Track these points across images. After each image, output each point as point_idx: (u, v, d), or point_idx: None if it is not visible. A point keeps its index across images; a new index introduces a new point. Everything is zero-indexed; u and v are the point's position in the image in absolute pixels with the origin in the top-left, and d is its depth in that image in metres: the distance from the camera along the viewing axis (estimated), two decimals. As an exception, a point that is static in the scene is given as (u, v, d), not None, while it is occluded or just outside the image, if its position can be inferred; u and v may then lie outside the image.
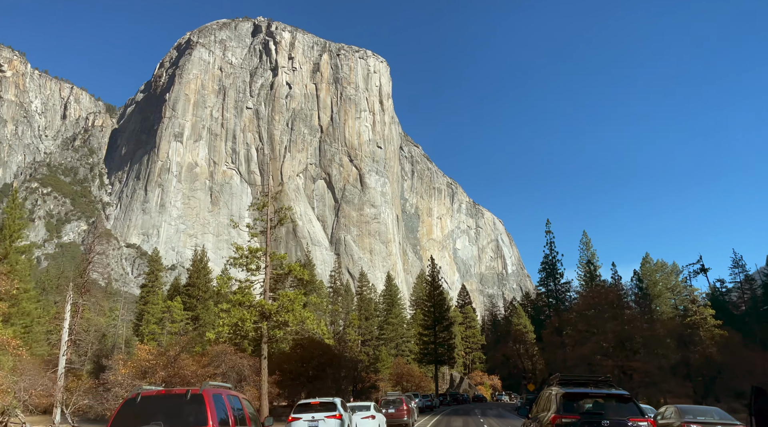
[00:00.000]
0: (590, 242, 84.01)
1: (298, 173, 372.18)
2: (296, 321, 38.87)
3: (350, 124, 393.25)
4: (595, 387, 17.16)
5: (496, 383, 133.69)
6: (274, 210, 42.87)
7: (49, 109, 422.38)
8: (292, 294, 40.55)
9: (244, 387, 46.00)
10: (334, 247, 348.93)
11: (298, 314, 38.74)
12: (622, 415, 15.49)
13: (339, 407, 26.69)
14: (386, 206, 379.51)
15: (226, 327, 38.17)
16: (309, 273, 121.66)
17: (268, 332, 39.89)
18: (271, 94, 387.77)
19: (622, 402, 16.04)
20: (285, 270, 42.40)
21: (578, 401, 16.25)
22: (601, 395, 16.32)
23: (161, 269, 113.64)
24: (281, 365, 54.64)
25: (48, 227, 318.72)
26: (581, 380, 17.93)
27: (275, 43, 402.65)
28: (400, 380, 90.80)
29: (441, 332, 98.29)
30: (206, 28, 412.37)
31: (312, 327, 39.37)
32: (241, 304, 39.58)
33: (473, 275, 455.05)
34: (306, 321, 39.01)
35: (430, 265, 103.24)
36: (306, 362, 56.93)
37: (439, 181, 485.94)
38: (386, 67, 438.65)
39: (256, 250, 41.50)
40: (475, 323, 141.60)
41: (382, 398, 43.33)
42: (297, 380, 56.55)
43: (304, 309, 39.74)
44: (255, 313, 39.71)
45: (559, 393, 16.36)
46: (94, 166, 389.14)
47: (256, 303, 39.94)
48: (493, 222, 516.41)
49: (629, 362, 54.11)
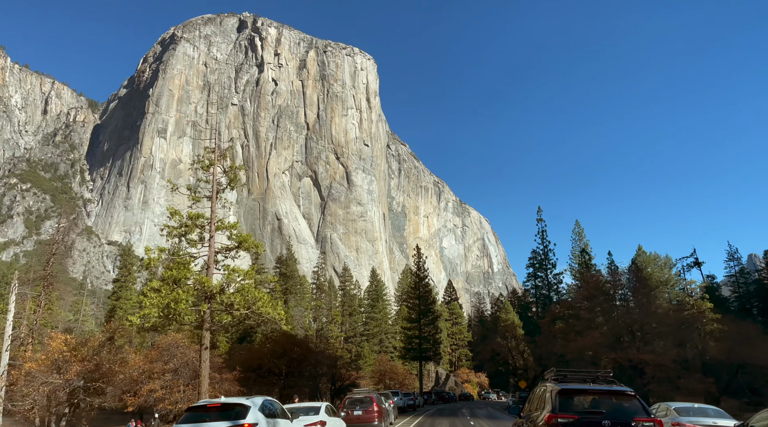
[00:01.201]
0: (583, 232, 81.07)
1: (284, 171, 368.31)
2: (244, 303, 31.76)
3: (337, 121, 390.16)
4: (595, 383, 15.48)
5: (483, 381, 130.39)
6: (222, 170, 36.41)
7: (30, 104, 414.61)
8: (240, 269, 33.82)
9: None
10: (320, 245, 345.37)
11: (248, 294, 31.83)
12: (626, 414, 14.05)
13: (253, 412, 17.12)
14: (373, 204, 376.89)
15: (154, 309, 30.81)
16: (291, 269, 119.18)
17: (212, 317, 33.00)
18: (256, 91, 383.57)
19: (624, 400, 14.49)
20: (235, 242, 34.75)
21: (576, 398, 14.80)
22: (601, 392, 14.73)
23: (134, 262, 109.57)
24: (248, 360, 49.96)
25: (27, 223, 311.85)
26: (579, 375, 16.35)
27: (261, 39, 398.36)
28: (383, 377, 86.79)
29: (426, 326, 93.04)
30: (191, 23, 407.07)
31: (266, 311, 31.82)
32: (176, 281, 32.05)
33: (459, 273, 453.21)
34: (258, 303, 31.68)
35: (415, 255, 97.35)
36: (278, 358, 51.65)
37: (426, 179, 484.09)
38: (373, 64, 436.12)
39: (197, 216, 34.07)
40: (462, 320, 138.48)
41: (346, 397, 36.35)
42: (266, 377, 51.43)
43: (257, 289, 32.88)
44: (193, 292, 32.60)
45: (555, 390, 14.83)
46: (76, 163, 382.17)
47: (195, 280, 32.99)
48: (480, 221, 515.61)
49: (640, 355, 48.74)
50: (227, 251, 34.56)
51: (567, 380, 16.06)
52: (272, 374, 52.04)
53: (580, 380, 15.97)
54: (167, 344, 42.65)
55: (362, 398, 34.94)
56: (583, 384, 15.41)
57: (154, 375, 40.78)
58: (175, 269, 32.18)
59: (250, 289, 32.26)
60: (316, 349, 62.29)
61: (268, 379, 51.34)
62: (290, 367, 51.58)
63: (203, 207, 34.92)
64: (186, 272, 32.57)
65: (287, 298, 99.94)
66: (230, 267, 33.55)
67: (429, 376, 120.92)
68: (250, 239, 34.78)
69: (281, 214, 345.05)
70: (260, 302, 32.05)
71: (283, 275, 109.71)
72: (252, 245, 34.37)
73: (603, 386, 14.99)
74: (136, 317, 31.37)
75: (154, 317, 30.84)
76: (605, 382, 15.54)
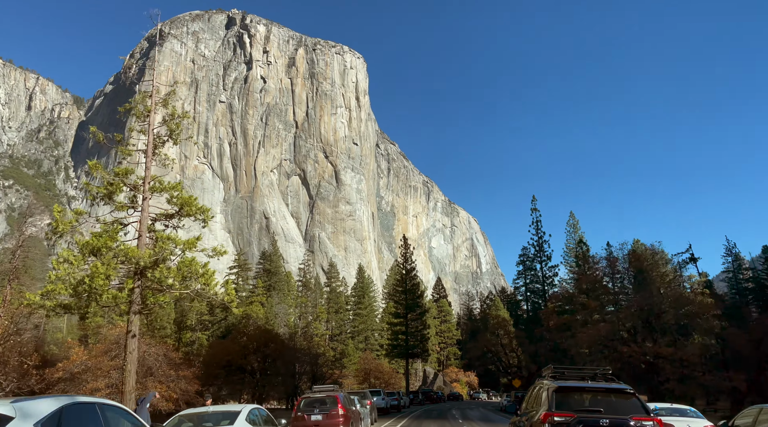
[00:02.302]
0: (578, 223, 78.16)
1: (272, 169, 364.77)
2: (180, 278, 25.10)
3: (326, 120, 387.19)
4: (593, 381, 15.30)
5: (473, 380, 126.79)
6: (162, 119, 30.16)
7: (13, 100, 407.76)
8: (177, 238, 26.85)
9: (148, 384, 35.77)
10: (308, 244, 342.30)
11: (187, 269, 25.52)
12: (624, 412, 13.80)
13: None
14: (362, 204, 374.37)
15: (61, 285, 24.08)
16: (275, 265, 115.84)
17: (142, 297, 26.55)
18: (245, 88, 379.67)
19: (623, 398, 14.29)
20: (176, 206, 28.08)
21: (573, 396, 14.51)
22: (599, 390, 14.51)
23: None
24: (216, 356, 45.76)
25: (9, 221, 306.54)
26: (577, 373, 16.24)
27: (250, 36, 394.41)
28: (368, 376, 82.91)
29: (413, 321, 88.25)
30: (178, 19, 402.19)
31: (210, 290, 25.51)
32: (94, 252, 25.31)
33: (448, 273, 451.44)
34: (199, 279, 25.14)
35: (402, 245, 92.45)
36: (249, 354, 46.99)
37: (415, 179, 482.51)
38: (363, 63, 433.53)
39: (125, 172, 27.66)
40: (451, 318, 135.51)
41: (302, 397, 28.74)
42: (235, 375, 46.43)
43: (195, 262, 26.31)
44: (115, 265, 25.54)
45: (551, 387, 14.64)
46: (60, 159, 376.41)
47: (119, 251, 25.76)
48: (468, 221, 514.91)
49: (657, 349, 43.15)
50: (167, 218, 28.04)
51: (565, 377, 15.82)
52: (243, 372, 47.18)
53: (579, 377, 15.75)
54: (116, 336, 38.00)
55: (323, 398, 26.85)
56: (580, 382, 15.18)
57: (99, 373, 36.26)
58: (95, 238, 25.49)
59: (192, 263, 25.89)
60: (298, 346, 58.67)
61: (239, 377, 46.42)
62: (265, 364, 47.45)
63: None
64: (107, 240, 25.75)
65: (270, 294, 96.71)
66: (165, 235, 26.96)
67: (416, 375, 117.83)
68: (194, 202, 28.20)
69: (269, 212, 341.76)
70: (203, 278, 25.75)
71: (267, 270, 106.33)
72: (197, 210, 27.84)
73: (601, 384, 14.75)
74: (35, 295, 24.92)
75: (62, 295, 24.32)
76: (604, 380, 15.33)
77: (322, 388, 28.77)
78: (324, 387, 28.94)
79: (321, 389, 28.68)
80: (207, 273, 26.17)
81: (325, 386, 29.45)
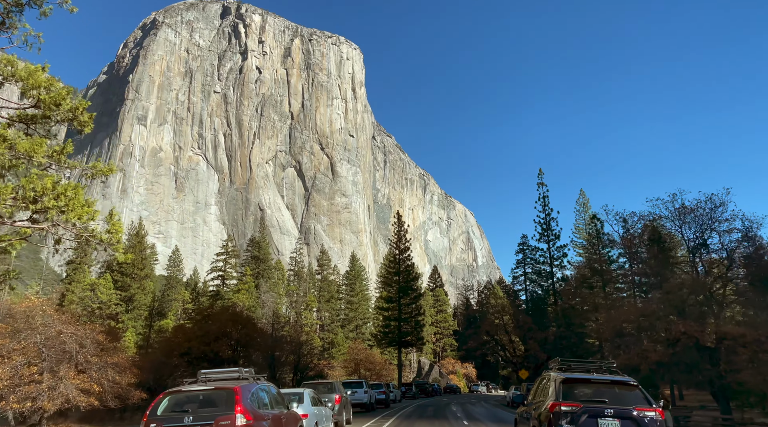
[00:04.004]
0: (588, 202, 73.47)
1: (268, 160, 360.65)
2: (32, 201, 17.09)
3: (322, 111, 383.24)
4: (598, 373, 16.11)
5: (471, 372, 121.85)
6: None
7: (6, 89, 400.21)
8: (20, 142, 19.18)
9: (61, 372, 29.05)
10: (303, 236, 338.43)
11: (29, 186, 18.06)
12: (627, 403, 14.39)
13: None
14: (358, 196, 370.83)
15: None
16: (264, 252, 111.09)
17: None
18: (240, 79, 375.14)
19: (627, 389, 14.91)
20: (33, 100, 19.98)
21: (579, 387, 15.08)
22: (604, 382, 15.14)
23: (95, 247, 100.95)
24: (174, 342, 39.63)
25: None
26: (583, 365, 16.93)
27: (245, 25, 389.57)
28: (358, 366, 77.43)
29: (407, 306, 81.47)
30: (173, 8, 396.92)
31: (82, 224, 18.47)
32: None
33: (444, 266, 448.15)
34: (45, 198, 17.22)
35: (395, 223, 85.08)
36: (213, 341, 40.70)
37: (412, 172, 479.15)
38: (359, 54, 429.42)
39: None
40: (447, 307, 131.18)
41: (169, 390, 15.38)
42: (197, 364, 39.51)
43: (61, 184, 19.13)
44: None
45: (558, 379, 15.36)
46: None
47: None
48: (465, 214, 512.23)
49: (721, 327, 33.20)
50: (28, 122, 19.63)
51: (571, 369, 16.57)
52: (205, 361, 40.65)
53: (584, 370, 16.44)
54: (22, 312, 30.93)
55: (208, 393, 14.54)
56: (586, 374, 15.87)
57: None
58: None
59: (44, 179, 18.18)
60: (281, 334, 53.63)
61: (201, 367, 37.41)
62: (235, 352, 41.77)
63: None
64: None
65: (258, 282, 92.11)
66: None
67: (410, 366, 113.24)
68: (62, 93, 18.83)
69: (264, 204, 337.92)
70: (76, 210, 18.32)
71: (256, 257, 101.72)
72: (64, 108, 19.04)
73: (606, 376, 15.41)
74: None
75: None
76: (608, 372, 16.05)
77: (213, 374, 16.33)
78: (217, 373, 16.38)
79: (209, 376, 16.14)
80: (78, 198, 19.04)
81: (219, 371, 16.65)
